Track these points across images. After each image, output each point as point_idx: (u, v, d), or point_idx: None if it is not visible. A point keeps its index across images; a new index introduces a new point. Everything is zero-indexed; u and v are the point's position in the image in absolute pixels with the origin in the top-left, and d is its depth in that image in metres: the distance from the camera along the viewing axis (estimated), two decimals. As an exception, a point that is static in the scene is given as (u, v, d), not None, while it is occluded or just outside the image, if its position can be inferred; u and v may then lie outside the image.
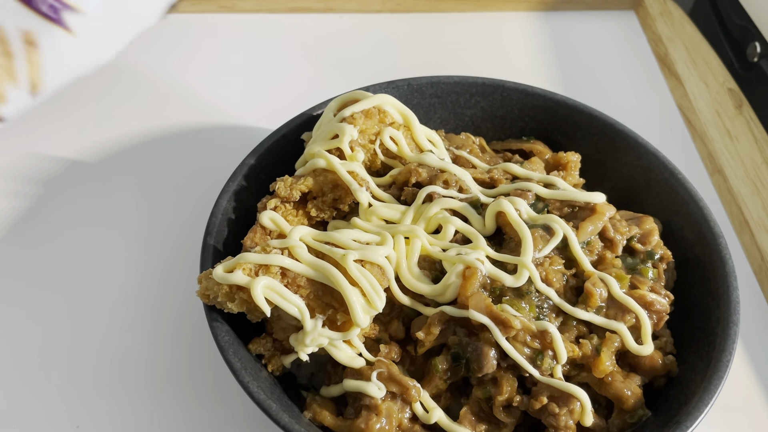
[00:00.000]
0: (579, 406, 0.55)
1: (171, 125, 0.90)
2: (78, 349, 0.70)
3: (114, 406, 0.66)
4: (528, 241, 0.59)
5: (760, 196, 0.84)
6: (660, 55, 1.04)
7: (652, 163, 0.71)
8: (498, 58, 1.03)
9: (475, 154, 0.72)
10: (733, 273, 0.62)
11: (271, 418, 0.54)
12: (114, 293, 0.74)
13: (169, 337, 0.71)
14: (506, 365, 0.57)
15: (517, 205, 0.62)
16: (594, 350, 0.57)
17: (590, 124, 0.75)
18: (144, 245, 0.78)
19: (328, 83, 0.84)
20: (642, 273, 0.63)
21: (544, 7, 1.11)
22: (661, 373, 0.60)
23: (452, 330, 0.58)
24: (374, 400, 0.56)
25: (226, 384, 0.67)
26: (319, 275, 0.55)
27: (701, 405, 0.55)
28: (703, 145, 0.92)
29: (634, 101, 0.99)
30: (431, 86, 0.77)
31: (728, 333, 0.59)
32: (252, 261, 0.54)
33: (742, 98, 0.96)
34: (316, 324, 0.54)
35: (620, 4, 1.12)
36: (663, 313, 0.60)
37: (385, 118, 0.67)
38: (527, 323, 0.57)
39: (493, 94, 0.78)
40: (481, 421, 0.57)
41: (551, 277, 0.59)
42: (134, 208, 0.82)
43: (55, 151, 0.86)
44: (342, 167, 0.63)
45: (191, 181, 0.84)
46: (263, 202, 0.65)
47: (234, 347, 0.57)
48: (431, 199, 0.64)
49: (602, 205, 0.64)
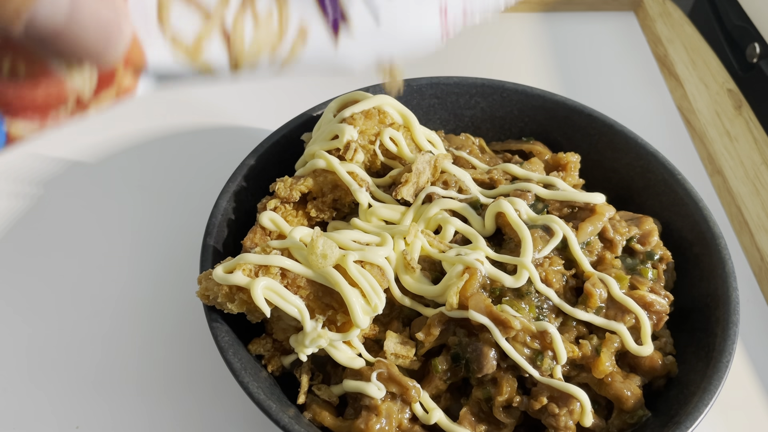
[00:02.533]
0: (579, 406, 0.55)
1: (171, 125, 0.90)
2: (78, 350, 0.70)
3: (114, 407, 0.66)
4: (528, 242, 0.59)
5: (759, 196, 0.84)
6: (659, 55, 1.05)
7: (651, 164, 0.71)
8: (498, 58, 1.03)
9: (474, 155, 0.72)
10: (732, 273, 0.62)
11: (271, 418, 0.54)
12: (114, 293, 0.74)
13: (169, 338, 0.71)
14: (506, 366, 0.57)
15: (517, 205, 0.62)
16: (594, 351, 0.57)
17: (590, 124, 0.75)
18: (144, 246, 0.78)
19: (328, 84, 0.84)
20: (642, 273, 0.63)
21: (543, 8, 1.11)
22: (660, 374, 0.60)
23: (452, 330, 0.58)
24: (374, 400, 0.56)
25: (226, 384, 0.67)
26: (318, 276, 0.55)
27: (701, 405, 0.55)
28: (702, 146, 0.92)
29: (634, 102, 0.99)
30: (431, 87, 0.77)
31: (728, 333, 0.59)
32: (252, 262, 0.54)
33: (741, 99, 0.96)
34: (316, 325, 0.54)
35: (620, 5, 1.12)
36: (663, 314, 0.60)
37: (385, 118, 0.67)
38: (527, 324, 0.57)
39: (492, 95, 0.78)
40: (480, 421, 0.57)
41: (551, 278, 0.59)
42: (134, 208, 0.82)
43: (55, 152, 0.86)
44: (342, 168, 0.63)
45: (191, 181, 0.84)
46: (263, 203, 0.65)
47: (234, 348, 0.57)
48: (431, 199, 0.64)
49: (602, 205, 0.64)
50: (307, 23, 0.41)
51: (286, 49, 0.41)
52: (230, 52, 0.39)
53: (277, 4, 0.40)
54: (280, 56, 0.41)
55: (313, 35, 0.41)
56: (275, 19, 0.40)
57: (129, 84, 0.37)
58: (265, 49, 0.40)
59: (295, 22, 0.40)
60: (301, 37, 0.41)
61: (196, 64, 0.38)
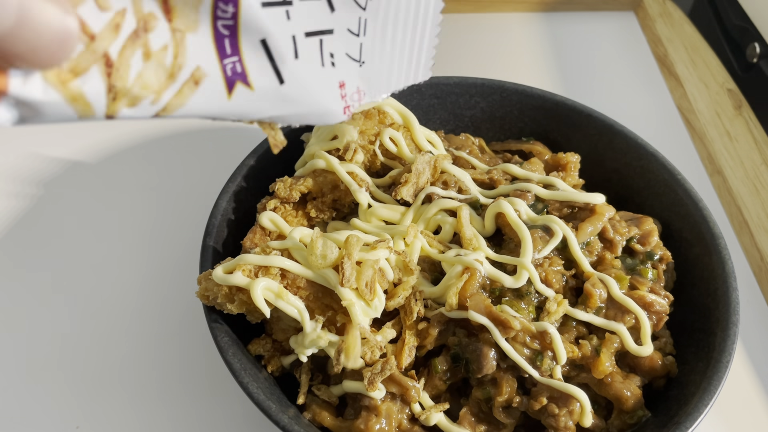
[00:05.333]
0: (578, 406, 0.55)
1: (171, 125, 0.90)
2: (78, 350, 0.70)
3: (114, 407, 0.66)
4: (527, 242, 0.59)
5: (759, 196, 0.84)
6: (659, 55, 1.04)
7: (651, 164, 0.71)
8: (497, 58, 1.03)
9: (474, 155, 0.72)
10: (732, 273, 0.62)
11: (271, 418, 0.54)
12: (114, 294, 0.74)
13: (168, 338, 0.71)
14: (506, 366, 0.57)
15: (517, 205, 0.62)
16: (593, 351, 0.57)
17: (590, 124, 0.75)
18: (144, 246, 0.78)
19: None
20: (641, 274, 0.63)
21: (543, 8, 1.11)
22: (660, 374, 0.60)
23: (452, 331, 0.58)
24: (374, 400, 0.56)
25: (226, 385, 0.67)
26: (318, 277, 0.54)
27: (701, 406, 0.55)
28: (702, 146, 0.92)
29: (634, 102, 0.99)
30: (431, 87, 0.77)
31: (728, 333, 0.59)
32: (252, 262, 0.54)
33: (741, 99, 0.96)
34: (316, 325, 0.54)
35: (620, 5, 1.12)
36: (662, 314, 0.60)
37: (385, 118, 0.67)
38: (527, 324, 0.57)
39: (492, 95, 0.78)
40: (480, 421, 0.57)
41: (551, 278, 0.59)
42: (134, 208, 0.82)
43: (55, 152, 0.86)
44: (341, 168, 0.63)
45: (191, 181, 0.84)
46: (263, 203, 0.65)
47: (233, 348, 0.57)
48: (431, 200, 0.64)
49: (602, 205, 0.64)
50: (202, 71, 0.38)
51: (172, 92, 0.37)
52: (110, 83, 0.34)
53: (173, 44, 0.36)
54: (165, 98, 0.37)
55: (207, 84, 0.38)
56: (169, 56, 0.36)
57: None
58: (152, 87, 0.36)
59: (190, 67, 0.37)
60: (193, 83, 0.38)
61: (67, 92, 0.32)
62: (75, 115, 0.34)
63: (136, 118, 0.37)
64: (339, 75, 0.50)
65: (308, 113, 0.47)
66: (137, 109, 0.36)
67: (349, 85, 0.51)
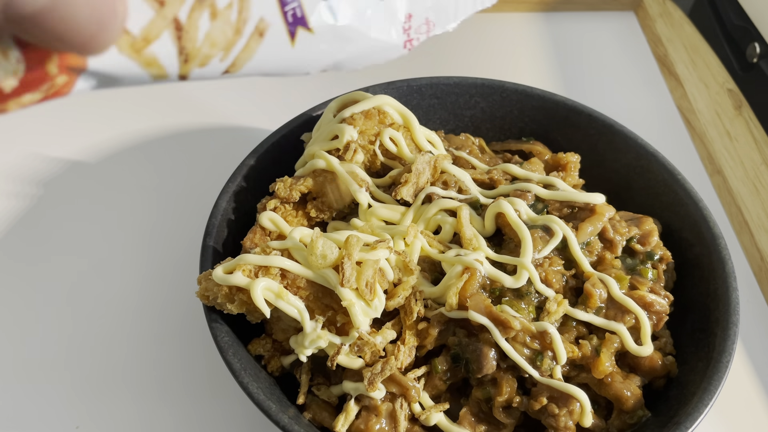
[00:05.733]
0: (578, 406, 0.55)
1: (171, 125, 0.90)
2: (78, 350, 0.70)
3: (114, 407, 0.66)
4: (527, 242, 0.59)
5: (759, 196, 0.84)
6: (659, 55, 1.04)
7: (651, 164, 0.71)
8: (497, 58, 1.03)
9: (474, 155, 0.72)
10: (732, 274, 0.62)
11: (271, 418, 0.54)
12: (114, 294, 0.74)
13: (168, 338, 0.71)
14: (506, 366, 0.57)
15: (517, 205, 0.62)
16: (593, 351, 0.57)
17: (590, 124, 0.75)
18: (144, 246, 0.78)
19: (328, 84, 0.84)
20: (641, 274, 0.63)
21: (543, 8, 1.11)
22: (660, 374, 0.60)
23: (452, 331, 0.58)
24: (374, 400, 0.56)
25: (226, 385, 0.67)
26: (318, 277, 0.54)
27: (701, 406, 0.55)
28: (702, 146, 0.92)
29: (634, 102, 0.99)
30: (431, 87, 0.77)
31: (728, 334, 0.59)
32: (252, 262, 0.54)
33: (741, 99, 0.96)
34: (316, 326, 0.54)
35: (620, 5, 1.12)
36: (662, 314, 0.60)
37: (385, 118, 0.67)
38: (527, 324, 0.57)
39: (492, 95, 0.78)
40: (480, 421, 0.57)
41: (551, 278, 0.59)
42: (134, 208, 0.82)
43: (55, 151, 0.86)
44: (341, 168, 0.63)
45: (191, 181, 0.84)
46: (263, 203, 0.65)
47: (233, 348, 0.57)
48: (431, 200, 0.64)
49: (602, 205, 0.64)
50: (266, 22, 0.39)
51: (240, 47, 0.38)
52: (181, 46, 0.35)
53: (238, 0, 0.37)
54: (233, 53, 0.38)
55: (271, 34, 0.39)
56: (234, 12, 0.37)
57: (64, 83, 0.32)
58: (220, 45, 0.37)
59: (254, 19, 0.38)
60: (258, 35, 0.39)
61: (141, 58, 0.34)
62: (150, 79, 0.36)
63: (207, 77, 0.38)
64: (405, 7, 0.49)
65: (367, 50, 0.47)
66: (208, 68, 0.38)
67: (416, 17, 0.50)
